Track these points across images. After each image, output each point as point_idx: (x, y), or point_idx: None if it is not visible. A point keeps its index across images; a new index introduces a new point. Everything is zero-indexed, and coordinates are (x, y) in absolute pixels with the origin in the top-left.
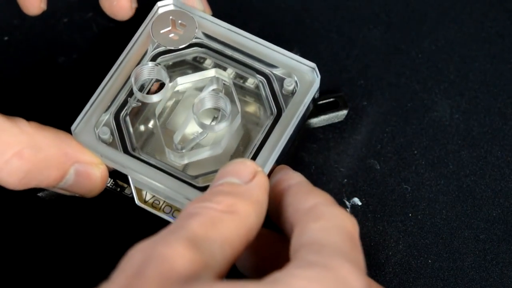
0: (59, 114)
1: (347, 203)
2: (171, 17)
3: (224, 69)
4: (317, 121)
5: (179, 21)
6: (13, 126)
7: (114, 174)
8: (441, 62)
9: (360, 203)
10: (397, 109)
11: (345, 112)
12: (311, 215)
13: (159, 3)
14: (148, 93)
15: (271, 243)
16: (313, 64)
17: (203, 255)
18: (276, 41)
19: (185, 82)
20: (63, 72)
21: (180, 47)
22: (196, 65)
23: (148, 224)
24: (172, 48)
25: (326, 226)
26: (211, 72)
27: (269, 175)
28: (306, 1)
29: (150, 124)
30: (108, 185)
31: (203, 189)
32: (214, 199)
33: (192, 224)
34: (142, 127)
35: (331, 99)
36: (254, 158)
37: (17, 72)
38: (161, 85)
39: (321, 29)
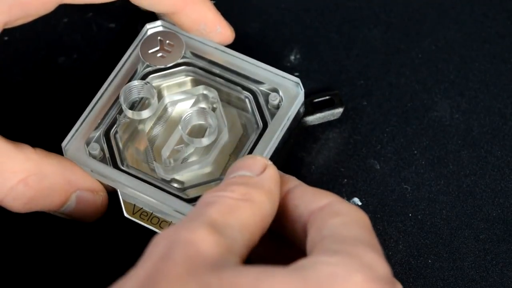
0: (59, 114)
1: None
2: (159, 38)
3: (211, 86)
4: (313, 119)
5: (167, 41)
6: (19, 153)
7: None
8: (441, 62)
9: (360, 203)
10: (397, 109)
11: (340, 110)
12: (327, 212)
13: (147, 25)
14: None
15: (269, 244)
16: (297, 79)
17: (225, 239)
18: (276, 41)
19: (173, 99)
20: (63, 73)
21: (168, 65)
22: (184, 83)
23: (139, 228)
24: (161, 67)
25: (346, 221)
26: (199, 89)
27: None
28: (306, 1)
29: (140, 140)
30: None
31: (191, 201)
32: (228, 189)
33: (211, 211)
34: (131, 143)
35: (327, 97)
36: None
37: (17, 72)
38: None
39: (321, 29)
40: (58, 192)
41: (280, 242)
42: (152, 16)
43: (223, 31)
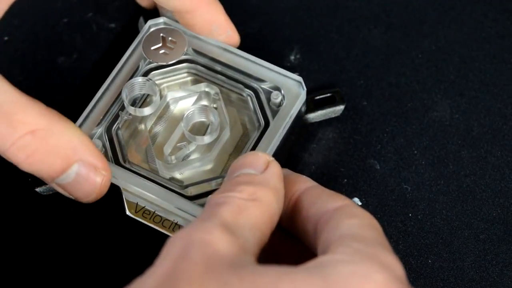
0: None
1: None
2: (161, 34)
3: (213, 84)
4: (314, 116)
5: (170, 38)
6: (33, 107)
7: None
8: (441, 62)
9: (360, 203)
10: (397, 109)
11: (342, 107)
12: (343, 213)
13: (150, 21)
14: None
15: (277, 240)
16: (299, 78)
17: (238, 239)
18: (276, 41)
19: (175, 96)
20: (63, 72)
21: (171, 62)
22: (186, 80)
23: (142, 227)
24: (163, 64)
25: (362, 223)
26: (201, 87)
27: None
28: (306, 1)
29: (141, 137)
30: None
31: (193, 198)
32: (236, 189)
33: (222, 212)
34: (133, 140)
35: (328, 94)
36: None
37: (17, 72)
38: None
39: (321, 29)
40: (60, 155)
41: (288, 239)
42: (153, 14)
43: (232, 34)
